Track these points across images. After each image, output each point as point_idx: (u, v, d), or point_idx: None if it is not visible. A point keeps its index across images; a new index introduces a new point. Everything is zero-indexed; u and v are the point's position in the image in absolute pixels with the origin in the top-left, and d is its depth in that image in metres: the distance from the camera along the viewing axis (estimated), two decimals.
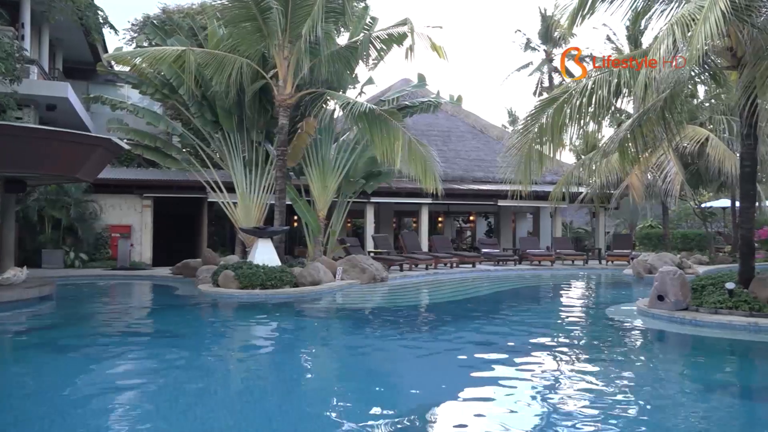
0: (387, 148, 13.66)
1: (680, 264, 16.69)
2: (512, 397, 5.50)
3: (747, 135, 9.53)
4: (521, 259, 20.56)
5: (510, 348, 7.87)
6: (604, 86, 9.28)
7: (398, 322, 10.18)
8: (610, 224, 30.32)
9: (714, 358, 7.62)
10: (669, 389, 6.08)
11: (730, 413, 5.30)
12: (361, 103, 13.87)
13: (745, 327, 8.51)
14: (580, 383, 6.11)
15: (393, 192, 19.74)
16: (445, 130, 24.81)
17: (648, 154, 12.60)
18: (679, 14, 7.96)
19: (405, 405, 5.29)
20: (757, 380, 6.63)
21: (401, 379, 6.39)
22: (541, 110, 10.00)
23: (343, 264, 14.67)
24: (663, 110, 10.18)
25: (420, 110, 18.46)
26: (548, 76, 40.28)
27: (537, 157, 10.24)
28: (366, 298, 12.97)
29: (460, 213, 29.14)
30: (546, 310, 12.43)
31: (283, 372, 6.59)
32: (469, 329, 9.33)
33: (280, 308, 11.17)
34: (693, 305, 9.43)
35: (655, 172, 18.94)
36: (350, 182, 17.28)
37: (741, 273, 9.67)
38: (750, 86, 8.59)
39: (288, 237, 17.96)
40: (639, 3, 10.00)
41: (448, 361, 7.22)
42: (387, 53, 15.93)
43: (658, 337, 8.93)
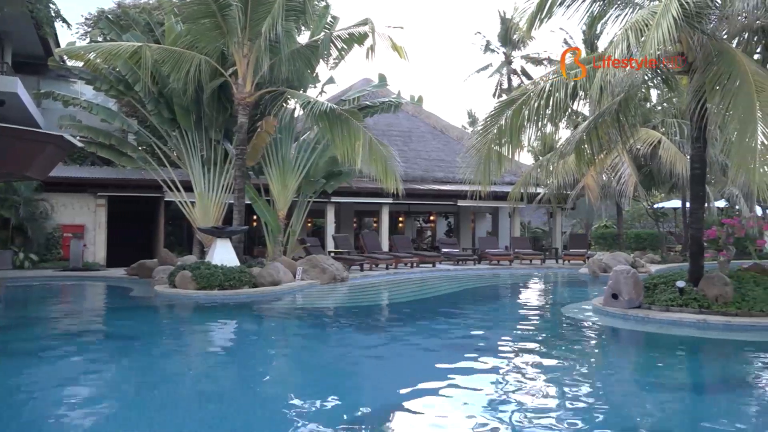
0: (348, 148, 13.63)
1: (633, 263, 17.12)
2: (472, 395, 5.54)
3: (697, 138, 9.84)
4: (480, 259, 20.78)
5: (470, 346, 7.94)
6: (561, 89, 9.45)
7: (358, 322, 10.17)
8: (567, 224, 30.94)
9: (665, 354, 7.84)
10: (622, 384, 6.24)
11: (679, 406, 5.47)
12: (322, 102, 13.81)
13: (695, 324, 8.79)
14: (537, 380, 6.21)
15: (354, 192, 19.71)
16: (405, 131, 24.90)
17: (603, 156, 12.91)
18: (633, 20, 8.18)
19: (365, 405, 5.29)
20: (705, 375, 6.85)
21: (361, 379, 6.38)
22: (500, 112, 10.12)
23: (303, 264, 14.58)
24: (617, 113, 10.43)
25: (381, 110, 18.48)
26: (507, 78, 40.80)
27: (496, 158, 10.36)
28: (326, 298, 12.92)
29: (421, 213, 29.28)
30: (504, 309, 12.59)
31: (240, 374, 6.50)
32: (429, 328, 9.37)
33: (239, 309, 11.03)
34: (646, 303, 9.68)
35: (610, 173, 19.40)
36: (311, 182, 17.19)
37: (691, 272, 9.98)
38: (700, 91, 8.87)
39: (247, 237, 17.74)
40: (595, 8, 10.23)
41: (408, 360, 7.25)
42: (348, 53, 15.90)
43: (613, 334, 9.14)
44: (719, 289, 9.17)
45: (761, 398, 5.70)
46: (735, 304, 9.00)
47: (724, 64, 8.37)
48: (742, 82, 7.79)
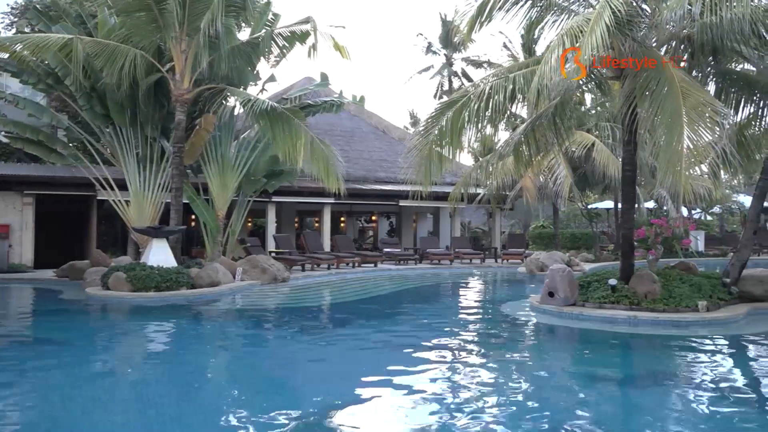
0: (289, 147, 13.50)
1: (569, 262, 17.66)
2: (413, 393, 5.58)
3: (628, 141, 10.23)
4: (422, 259, 20.96)
5: (411, 345, 7.99)
6: (501, 92, 9.64)
7: (299, 322, 10.08)
8: (506, 224, 31.60)
9: (598, 349, 8.12)
10: (557, 379, 6.41)
11: (611, 399, 5.67)
12: (263, 100, 13.63)
13: (626, 320, 9.13)
14: (476, 376, 6.31)
15: (295, 191, 19.51)
16: (348, 130, 24.85)
17: (540, 158, 13.22)
18: (568, 25, 8.42)
19: (305, 406, 5.24)
20: (635, 369, 7.13)
21: (301, 380, 6.33)
22: (441, 113, 10.24)
23: (243, 264, 14.35)
24: (554, 116, 10.73)
25: (323, 109, 18.37)
26: (448, 79, 41.33)
27: (437, 159, 10.48)
28: (267, 298, 12.75)
29: (363, 213, 29.29)
30: (445, 308, 12.75)
31: (176, 378, 6.33)
32: (371, 328, 9.39)
33: (176, 311, 10.74)
34: (580, 301, 10.00)
35: (547, 174, 19.91)
36: (251, 181, 16.91)
37: (622, 270, 10.37)
38: (630, 96, 9.21)
39: (185, 237, 17.28)
40: (533, 13, 10.48)
41: (349, 360, 7.24)
42: (289, 51, 15.74)
43: (549, 331, 9.40)
44: (648, 287, 9.56)
45: (685, 389, 5.98)
46: (662, 301, 9.41)
47: (653, 70, 8.73)
48: (670, 89, 8.14)
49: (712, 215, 30.97)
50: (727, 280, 10.43)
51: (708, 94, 8.95)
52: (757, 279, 10.46)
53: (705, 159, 8.39)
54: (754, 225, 11.89)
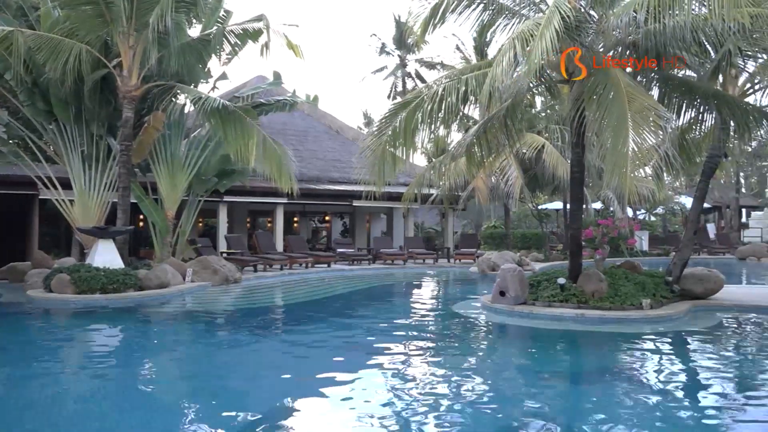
0: (241, 146, 13.31)
1: (519, 262, 17.98)
2: (364, 394, 5.58)
3: (576, 144, 10.48)
4: (375, 259, 21.00)
5: (363, 346, 7.99)
6: (453, 93, 9.74)
7: (251, 324, 9.96)
8: (458, 224, 31.95)
9: (547, 347, 8.30)
10: (508, 376, 6.53)
11: (560, 394, 5.80)
12: (214, 98, 13.40)
13: (574, 318, 9.35)
14: (428, 376, 6.36)
15: (247, 191, 19.25)
16: (301, 130, 24.68)
17: (492, 159, 13.42)
18: (519, 29, 8.56)
19: (254, 409, 5.17)
20: (583, 365, 7.30)
21: (251, 382, 6.24)
22: (395, 113, 10.27)
23: (193, 265, 14.08)
24: (505, 118, 10.90)
25: (276, 109, 18.18)
26: (402, 80, 41.54)
27: (390, 159, 10.51)
28: (218, 300, 12.54)
29: (316, 213, 29.15)
30: (398, 308, 12.80)
31: (123, 383, 6.16)
32: (323, 329, 9.35)
33: (123, 314, 10.46)
34: (530, 300, 10.19)
35: (498, 175, 20.24)
36: (202, 180, 16.59)
37: (571, 269, 10.62)
38: (579, 100, 9.44)
39: (133, 238, 16.84)
40: (485, 16, 10.62)
41: (300, 361, 7.19)
42: (242, 49, 15.51)
43: (500, 330, 9.55)
44: (595, 285, 9.82)
45: (630, 384, 6.16)
46: (609, 299, 9.67)
47: (600, 75, 8.97)
48: (616, 93, 8.38)
49: (655, 216, 32.06)
50: (670, 279, 10.81)
51: (652, 99, 9.25)
52: (697, 278, 10.87)
53: (649, 161, 8.68)
54: (695, 225, 12.37)
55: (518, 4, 10.52)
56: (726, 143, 11.27)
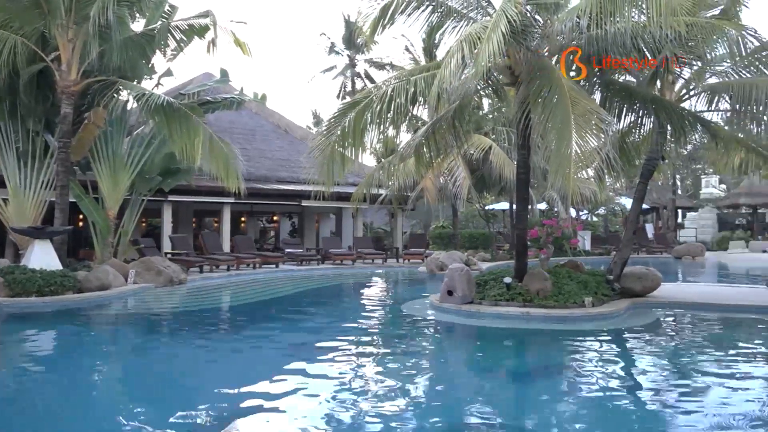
0: (186, 144, 13.03)
1: (467, 261, 18.21)
2: (312, 395, 5.54)
3: (522, 145, 10.69)
4: (324, 259, 20.90)
5: (310, 346, 7.94)
6: (402, 94, 9.78)
7: (196, 325, 9.76)
8: (407, 225, 32.13)
9: (493, 345, 8.43)
10: (455, 375, 6.60)
11: (506, 391, 5.91)
12: (159, 95, 13.06)
13: (519, 316, 9.53)
14: (376, 375, 6.37)
15: (193, 190, 18.85)
16: (249, 129, 24.33)
17: (440, 160, 13.56)
18: (467, 32, 8.67)
19: (197, 413, 5.05)
20: (528, 362, 7.46)
21: (194, 386, 6.11)
22: (344, 113, 10.25)
23: (136, 266, 13.68)
24: (453, 119, 11.03)
25: (223, 107, 17.86)
26: (351, 80, 41.47)
27: (339, 159, 10.48)
28: (162, 301, 12.22)
29: (264, 213, 28.80)
30: (346, 308, 12.78)
31: (61, 388, 5.93)
32: (270, 330, 9.25)
33: (61, 317, 10.08)
34: (477, 299, 10.33)
35: (447, 176, 20.46)
36: (145, 179, 16.14)
37: (516, 269, 10.82)
38: (525, 102, 9.63)
39: (72, 238, 16.22)
40: (434, 18, 10.71)
41: (246, 363, 7.08)
42: (187, 45, 15.18)
43: (448, 329, 9.64)
44: (540, 284, 10.04)
45: (573, 379, 6.33)
46: (553, 298, 9.90)
47: (545, 78, 9.17)
48: (560, 96, 8.58)
49: (597, 216, 33.02)
50: (611, 277, 11.15)
51: (594, 103, 9.53)
52: (636, 276, 11.25)
53: (591, 163, 8.91)
54: (634, 225, 12.80)
55: (466, 7, 10.65)
56: (663, 146, 11.70)
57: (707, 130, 11.11)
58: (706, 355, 7.57)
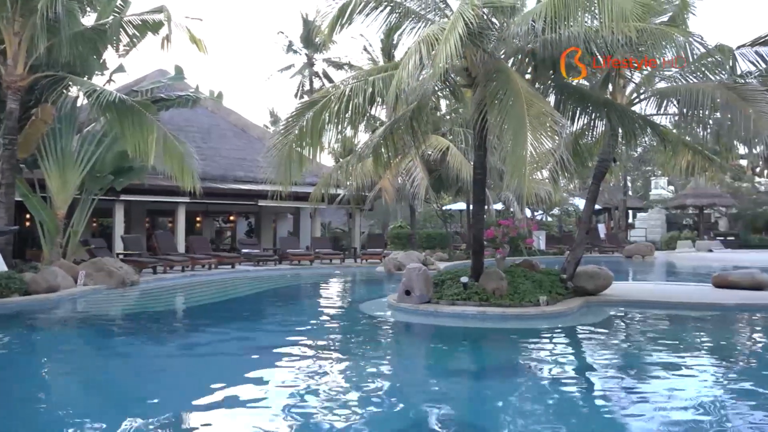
0: (140, 142, 12.71)
1: (425, 261, 18.32)
2: (269, 397, 5.48)
3: (479, 146, 10.81)
4: (281, 259, 20.72)
5: (267, 347, 7.86)
6: (360, 94, 9.76)
7: (149, 328, 9.54)
8: (365, 225, 32.13)
9: (450, 344, 8.50)
10: (413, 375, 6.62)
11: (463, 390, 5.96)
12: (110, 91, 12.72)
13: (476, 316, 9.63)
14: (334, 376, 6.35)
15: (146, 189, 18.43)
16: (205, 127, 23.94)
17: (398, 160, 13.61)
18: (425, 33, 8.72)
19: (148, 420, 4.94)
20: (484, 361, 7.54)
21: (146, 392, 5.96)
22: (302, 113, 10.17)
23: (86, 268, 13.29)
24: (411, 120, 11.07)
25: (177, 104, 17.50)
26: (309, 79, 41.22)
27: (297, 159, 10.38)
28: (113, 304, 11.92)
29: (220, 213, 28.40)
30: (304, 308, 12.70)
31: (5, 395, 5.71)
32: (226, 332, 9.11)
33: (5, 320, 9.70)
34: (435, 298, 10.39)
35: (405, 176, 20.54)
36: (96, 178, 15.70)
37: (473, 268, 10.93)
38: (481, 104, 9.74)
39: (18, 238, 15.67)
40: (392, 19, 10.73)
41: (202, 365, 6.96)
42: (140, 40, 14.82)
43: (405, 328, 9.68)
44: (496, 283, 10.17)
45: (529, 378, 6.43)
46: (509, 297, 10.04)
47: (501, 80, 9.29)
48: (516, 98, 8.70)
49: (552, 216, 33.69)
50: (564, 277, 11.38)
51: (549, 105, 9.70)
52: (588, 275, 11.51)
53: (546, 165, 9.07)
54: (587, 225, 13.11)
55: (424, 9, 10.71)
56: (615, 149, 12.01)
57: (656, 133, 11.44)
58: (654, 350, 7.79)
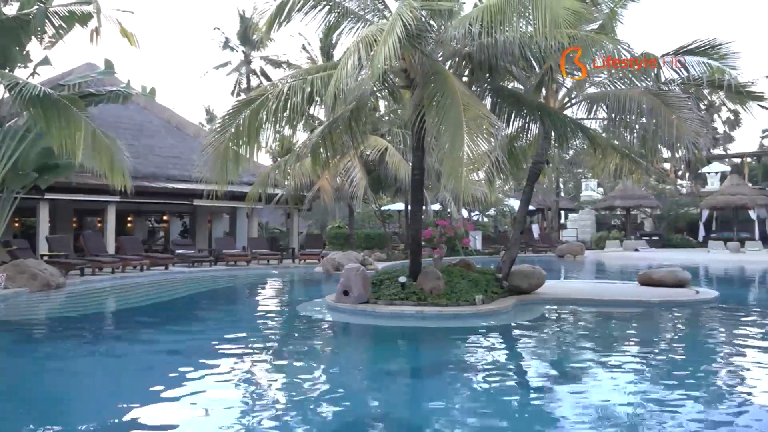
0: (66, 139, 12.16)
1: (363, 261, 18.34)
2: (205, 401, 5.35)
3: (417, 147, 10.90)
4: (217, 260, 20.30)
5: (201, 351, 7.67)
6: (299, 93, 9.67)
7: (75, 333, 9.14)
8: (303, 225, 31.88)
9: (387, 344, 8.54)
10: (350, 375, 6.61)
11: (402, 389, 5.99)
12: (35, 85, 12.09)
13: (413, 315, 9.71)
14: (271, 378, 6.27)
15: (73, 188, 17.67)
16: (137, 124, 23.16)
17: (337, 160, 13.57)
18: (364, 34, 8.72)
19: (74, 426, 4.74)
20: (422, 360, 7.61)
21: (70, 400, 5.71)
22: (239, 111, 9.98)
23: (7, 270, 12.63)
24: (350, 120, 11.05)
25: (107, 100, 16.84)
26: (247, 77, 40.58)
27: (233, 157, 10.19)
28: (35, 308, 11.37)
29: (153, 212, 27.57)
30: (240, 310, 12.48)
31: None
32: (157, 335, 8.85)
33: None
34: (373, 298, 10.41)
35: (343, 176, 20.51)
36: (18, 175, 14.91)
37: (411, 268, 11.02)
38: (419, 105, 9.82)
39: None
40: (331, 18, 10.68)
41: (132, 370, 6.73)
42: (68, 32, 14.20)
43: (343, 329, 9.66)
44: (433, 283, 10.29)
45: (465, 376, 6.53)
46: (446, 296, 10.18)
47: (439, 82, 9.40)
48: (453, 100, 8.82)
49: (487, 217, 34.39)
50: (500, 276, 11.63)
51: (485, 108, 9.89)
52: (523, 274, 11.80)
53: (482, 166, 9.25)
54: (521, 226, 13.43)
55: (363, 9, 10.72)
56: (548, 151, 12.36)
57: (587, 136, 11.85)
58: (584, 346, 8.07)
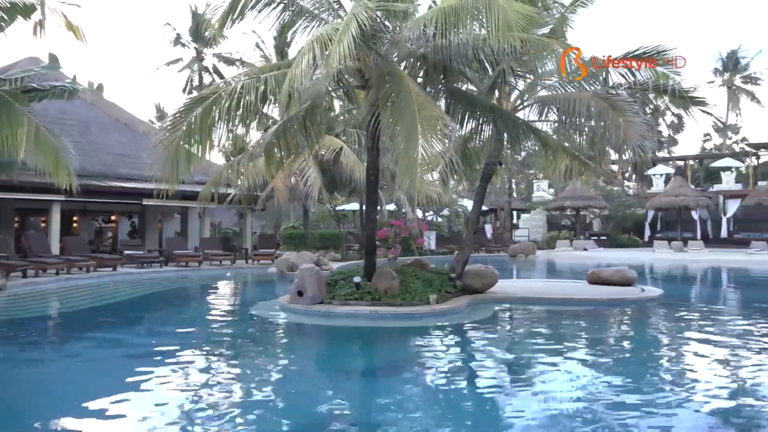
0: (8, 136, 11.69)
1: (318, 261, 18.24)
2: (156, 406, 5.23)
3: (372, 147, 10.92)
4: (168, 261, 19.86)
5: (151, 354, 7.49)
6: (253, 91, 9.54)
7: (17, 337, 8.80)
8: (257, 225, 31.52)
9: (342, 344, 8.53)
10: (305, 376, 6.57)
11: (354, 390, 5.99)
12: None
13: (368, 315, 9.72)
14: (224, 381, 6.17)
15: (15, 186, 16.99)
16: (83, 121, 22.44)
17: (292, 160, 13.45)
18: (319, 33, 8.68)
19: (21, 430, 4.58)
20: (377, 359, 7.63)
21: (11, 406, 5.51)
22: (190, 108, 9.79)
23: None
24: (305, 119, 10.98)
25: (52, 95, 16.22)
26: (199, 74, 39.89)
27: (185, 156, 9.98)
28: None
29: (101, 212, 26.78)
30: (192, 312, 12.24)
31: None
32: (104, 339, 8.60)
33: None
34: (328, 299, 10.38)
35: (298, 176, 20.35)
36: None
37: (366, 268, 11.03)
38: (374, 105, 9.84)
39: None
40: (286, 16, 10.59)
41: (80, 375, 6.52)
42: (9, 25, 13.63)
43: (297, 330, 9.59)
44: (388, 283, 10.32)
45: (420, 372, 6.58)
46: (400, 296, 10.22)
47: (394, 83, 9.44)
48: (408, 101, 8.86)
49: (442, 217, 34.68)
50: (453, 275, 11.74)
51: (439, 109, 9.97)
52: (476, 274, 11.95)
53: (436, 167, 9.32)
54: (475, 226, 13.61)
55: (318, 8, 10.66)
56: (501, 152, 12.54)
57: (538, 138, 12.08)
58: (536, 344, 8.23)
